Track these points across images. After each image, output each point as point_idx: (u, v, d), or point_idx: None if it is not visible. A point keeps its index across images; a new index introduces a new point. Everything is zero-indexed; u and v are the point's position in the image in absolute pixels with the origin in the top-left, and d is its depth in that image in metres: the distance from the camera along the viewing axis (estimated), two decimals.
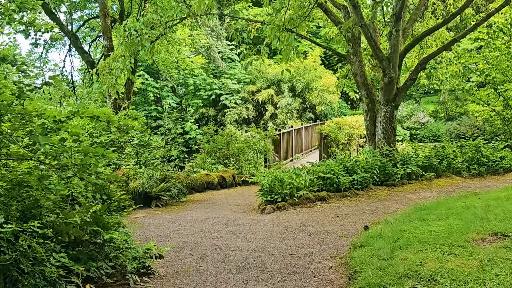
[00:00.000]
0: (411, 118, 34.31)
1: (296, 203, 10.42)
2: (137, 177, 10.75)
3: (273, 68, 31.51)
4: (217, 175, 14.60)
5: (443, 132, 31.82)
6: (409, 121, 33.92)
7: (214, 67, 32.74)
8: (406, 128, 33.01)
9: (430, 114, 35.54)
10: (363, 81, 14.06)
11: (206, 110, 31.60)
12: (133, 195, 10.64)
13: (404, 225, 7.37)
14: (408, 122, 33.84)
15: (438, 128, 32.25)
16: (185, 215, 10.03)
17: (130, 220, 9.51)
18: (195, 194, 13.40)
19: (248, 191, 14.33)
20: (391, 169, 12.28)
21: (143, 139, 11.83)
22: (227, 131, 18.02)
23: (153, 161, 11.48)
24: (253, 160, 17.55)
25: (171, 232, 8.43)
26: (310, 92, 30.80)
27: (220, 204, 11.81)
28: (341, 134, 19.44)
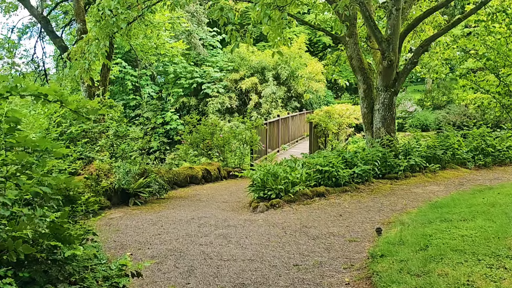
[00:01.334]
0: (398, 107, 33.40)
1: (292, 200, 9.31)
2: (113, 172, 9.54)
3: (257, 56, 30.30)
4: (201, 168, 13.43)
5: (431, 121, 31.00)
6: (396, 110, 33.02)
7: (195, 54, 31.40)
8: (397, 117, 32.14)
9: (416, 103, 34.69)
10: (359, 65, 12.97)
11: (187, 100, 30.29)
12: (108, 193, 9.44)
13: (425, 228, 6.30)
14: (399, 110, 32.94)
15: (425, 117, 31.41)
16: (167, 215, 8.85)
17: (104, 222, 8.32)
18: (177, 189, 12.22)
19: (235, 185, 13.19)
20: (392, 161, 11.23)
21: (119, 129, 10.61)
22: (211, 120, 16.82)
23: (131, 153, 10.27)
24: (239, 151, 16.40)
25: (152, 237, 7.25)
26: (295, 80, 29.67)
27: (206, 200, 10.65)
28: (331, 123, 18.36)
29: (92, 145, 10.14)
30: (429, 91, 37.52)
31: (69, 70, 14.19)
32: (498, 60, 15.61)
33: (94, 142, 10.32)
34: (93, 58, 13.23)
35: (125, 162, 9.57)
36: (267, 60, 29.71)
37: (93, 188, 8.13)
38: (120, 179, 9.36)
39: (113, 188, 9.44)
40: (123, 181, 9.39)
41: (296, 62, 29.72)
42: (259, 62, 29.84)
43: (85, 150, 9.80)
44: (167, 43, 20.86)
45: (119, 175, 9.39)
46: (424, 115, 31.54)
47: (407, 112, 32.64)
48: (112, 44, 17.32)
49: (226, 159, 15.99)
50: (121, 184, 9.41)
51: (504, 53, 15.55)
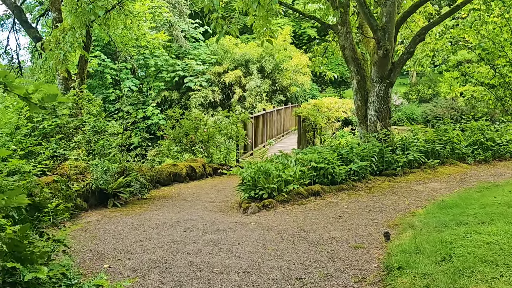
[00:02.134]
0: None
1: (285, 200, 8.58)
2: (89, 171, 8.72)
3: (241, 48, 29.50)
4: (185, 165, 12.64)
5: (418, 114, 30.49)
6: None
7: (177, 47, 30.49)
8: None
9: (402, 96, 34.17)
10: (352, 55, 12.27)
11: (169, 93, 29.37)
12: (85, 193, 8.62)
13: (441, 233, 5.61)
14: None
15: (412, 110, 30.90)
16: (150, 218, 8.08)
17: (80, 227, 7.52)
18: (160, 188, 11.43)
19: (222, 183, 12.44)
20: (390, 156, 10.56)
21: (97, 124, 9.78)
22: (194, 114, 16.03)
23: (110, 150, 9.45)
24: (225, 146, 15.64)
25: (133, 244, 6.47)
26: (280, 73, 28.94)
27: (192, 200, 9.88)
28: (320, 117, 17.67)
29: (67, 141, 9.30)
30: (414, 84, 37.09)
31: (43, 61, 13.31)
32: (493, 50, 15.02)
33: (70, 139, 9.48)
34: (68, 48, 12.39)
35: (103, 160, 8.75)
36: (251, 52, 28.95)
37: (64, 192, 7.31)
38: (97, 179, 8.55)
39: (90, 188, 8.63)
40: (100, 180, 8.58)
41: (281, 55, 28.98)
42: (243, 55, 29.06)
43: (59, 147, 8.97)
44: (148, 34, 19.97)
45: (97, 174, 8.58)
46: (411, 109, 31.03)
47: (393, 105, 32.06)
48: (90, 35, 16.47)
49: (211, 155, 15.22)
50: (98, 184, 8.61)
51: (499, 43, 14.96)
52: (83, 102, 10.33)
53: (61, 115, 9.39)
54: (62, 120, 9.36)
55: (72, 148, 9.24)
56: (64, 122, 9.34)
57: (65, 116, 9.55)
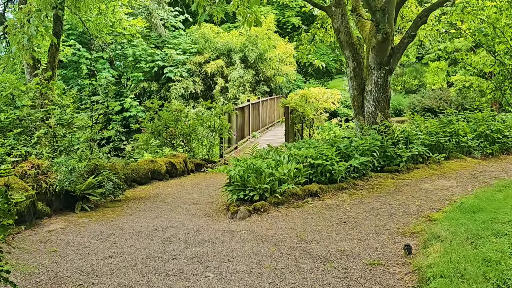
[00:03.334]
0: None
1: (279, 202, 7.49)
2: (53, 170, 7.53)
3: (223, 37, 28.23)
4: (164, 162, 11.49)
5: (405, 105, 29.64)
6: None
7: (156, 36, 29.14)
8: None
9: None
10: (348, 39, 11.20)
11: (148, 84, 28.01)
12: (48, 196, 7.43)
13: (478, 247, 4.57)
14: None
15: (399, 101, 30.04)
16: (123, 225, 6.94)
17: (39, 237, 6.35)
18: (137, 187, 10.27)
19: (205, 181, 11.33)
20: (392, 151, 9.53)
21: (63, 116, 8.57)
22: (174, 106, 14.85)
23: (77, 146, 8.26)
24: (207, 140, 14.50)
25: (100, 262, 5.33)
26: (264, 63, 27.77)
27: (172, 202, 8.74)
28: (308, 108, 16.59)
29: (28, 136, 8.09)
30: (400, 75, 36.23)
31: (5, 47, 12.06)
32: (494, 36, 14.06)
33: (32, 133, 8.27)
34: (33, 32, 11.13)
35: (68, 158, 7.56)
36: (234, 41, 27.74)
37: (1, 205, 6.09)
38: (61, 179, 7.37)
39: (53, 190, 7.44)
40: (65, 181, 7.40)
41: (265, 44, 27.81)
42: (225, 44, 27.81)
43: (18, 143, 7.76)
44: (124, 20, 18.67)
45: (61, 174, 7.40)
46: (397, 100, 30.16)
47: None
48: (61, 20, 15.19)
49: (193, 150, 14.09)
50: (63, 185, 7.43)
51: (500, 28, 14.01)
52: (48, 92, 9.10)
53: (21, 106, 8.18)
54: (22, 111, 8.14)
55: (34, 144, 8.03)
56: (24, 114, 8.12)
57: (26, 107, 8.34)
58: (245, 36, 28.09)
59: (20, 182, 6.89)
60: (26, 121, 8.36)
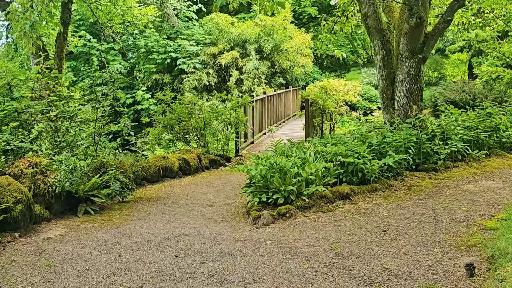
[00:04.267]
0: None
1: (306, 206, 6.63)
2: (52, 169, 6.71)
3: (237, 27, 27.29)
4: (177, 158, 10.66)
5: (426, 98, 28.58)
6: None
7: (169, 26, 28.29)
8: None
9: None
10: (376, 25, 10.27)
11: (160, 77, 27.17)
12: (47, 199, 6.62)
13: None
14: None
15: None
16: (130, 232, 6.11)
17: (34, 247, 5.54)
18: (147, 186, 9.45)
19: (220, 178, 10.51)
20: (428, 147, 8.62)
21: (65, 108, 7.75)
22: (188, 98, 14.01)
23: (79, 142, 7.42)
24: (223, 134, 13.65)
25: (101, 281, 4.50)
26: (279, 55, 26.82)
27: (185, 203, 7.91)
28: (330, 100, 15.67)
29: (27, 131, 7.28)
30: None
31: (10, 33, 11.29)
32: None
33: (32, 127, 7.46)
34: (36, 17, 10.36)
35: (69, 155, 6.73)
36: (249, 32, 26.80)
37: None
38: (61, 180, 6.55)
39: (53, 191, 6.62)
40: (66, 182, 6.59)
41: (281, 35, 26.86)
42: (240, 35, 26.88)
43: (15, 138, 6.95)
44: (135, 8, 17.81)
45: (61, 173, 6.58)
46: None
47: None
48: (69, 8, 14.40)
49: (207, 145, 13.25)
50: (63, 186, 6.61)
51: None
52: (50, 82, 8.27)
53: (19, 97, 7.36)
54: (20, 103, 7.32)
55: (32, 140, 7.21)
56: (22, 107, 7.31)
57: (25, 98, 7.52)
58: (260, 27, 27.17)
59: (14, 183, 6.07)
60: (24, 114, 7.54)
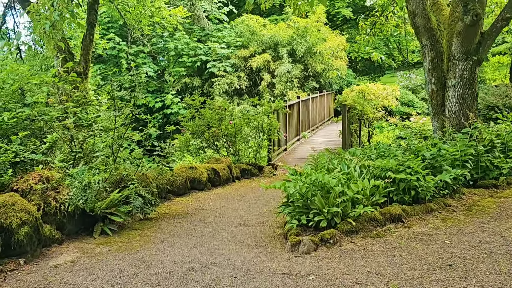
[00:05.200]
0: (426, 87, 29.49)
1: (353, 230, 5.73)
2: (64, 185, 5.97)
3: (269, 30, 26.48)
4: (206, 168, 9.87)
5: None
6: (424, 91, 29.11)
7: (199, 29, 27.64)
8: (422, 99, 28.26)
9: None
10: (425, 24, 9.31)
11: (190, 80, 26.53)
12: (58, 218, 5.86)
13: None
14: (424, 92, 29.05)
15: None
16: (150, 259, 5.31)
17: (40, 277, 4.78)
18: (173, 200, 8.66)
19: (252, 191, 9.68)
20: (487, 160, 7.62)
21: (82, 116, 7.01)
22: (218, 103, 13.24)
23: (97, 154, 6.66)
24: (255, 142, 12.82)
25: None
26: (313, 57, 25.89)
27: (214, 222, 7.10)
28: (368, 105, 14.71)
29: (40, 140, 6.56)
30: None
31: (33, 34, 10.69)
32: None
33: (44, 136, 6.74)
34: (56, 17, 9.70)
35: (83, 169, 5.96)
36: (281, 34, 25.96)
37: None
38: (72, 197, 5.79)
39: (65, 210, 5.87)
40: (79, 199, 5.82)
41: (314, 37, 25.95)
42: (272, 37, 26.07)
43: (26, 149, 6.23)
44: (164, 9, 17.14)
45: (73, 190, 5.82)
46: None
47: None
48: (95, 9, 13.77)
49: (238, 153, 12.43)
50: (76, 203, 5.85)
51: None
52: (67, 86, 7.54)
53: (33, 103, 6.65)
54: (33, 110, 6.61)
55: (46, 150, 6.49)
56: (35, 114, 6.59)
57: (39, 104, 6.80)
58: (293, 29, 26.31)
59: (20, 201, 5.33)
60: (38, 122, 6.82)
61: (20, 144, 6.29)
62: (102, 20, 26.08)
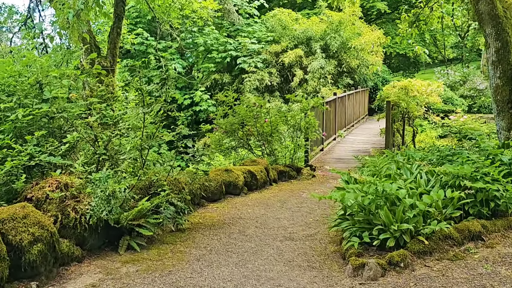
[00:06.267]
0: (465, 84, 28.18)
1: (425, 251, 4.79)
2: (86, 192, 5.14)
3: (301, 24, 25.46)
4: (242, 171, 8.99)
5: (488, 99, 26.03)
6: (463, 88, 27.80)
7: (228, 24, 26.77)
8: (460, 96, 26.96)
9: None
10: (490, 10, 8.28)
11: (219, 76, 25.65)
12: (78, 231, 5.03)
13: None
14: (462, 89, 27.73)
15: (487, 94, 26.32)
16: (185, 284, 4.46)
17: None
18: (207, 206, 7.80)
19: (293, 196, 8.80)
20: None
21: (107, 113, 6.19)
22: (253, 99, 12.34)
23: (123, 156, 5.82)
24: (293, 141, 11.90)
25: None
26: (347, 53, 24.80)
27: (256, 234, 6.21)
28: (413, 103, 13.65)
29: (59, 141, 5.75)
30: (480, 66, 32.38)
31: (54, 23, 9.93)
32: None
33: (63, 135, 5.93)
34: (80, 5, 8.92)
35: (106, 175, 5.11)
36: (314, 28, 24.93)
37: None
38: (94, 209, 4.96)
39: (85, 222, 5.04)
40: (102, 211, 4.98)
41: (348, 31, 24.86)
42: (304, 32, 25.03)
43: (42, 150, 5.42)
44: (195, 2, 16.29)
45: (95, 200, 4.99)
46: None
47: (476, 90, 27.41)
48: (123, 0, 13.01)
49: (275, 153, 11.53)
50: (98, 215, 5.01)
51: None
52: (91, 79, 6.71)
53: (52, 98, 5.84)
54: (52, 106, 5.80)
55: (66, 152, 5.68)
56: (54, 110, 5.78)
57: (59, 100, 6.00)
58: (326, 23, 25.26)
59: (33, 213, 4.52)
60: (57, 120, 6.01)
61: (36, 145, 5.49)
62: (130, 14, 25.45)
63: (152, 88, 6.01)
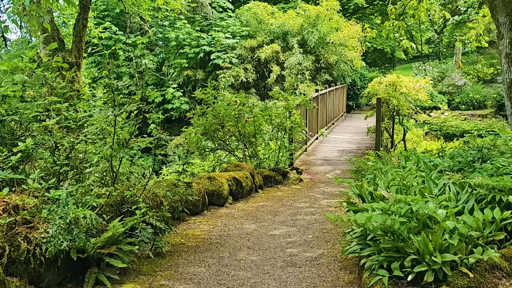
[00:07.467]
0: (443, 81, 27.62)
1: (470, 286, 3.83)
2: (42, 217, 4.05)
3: (278, 18, 24.47)
4: (226, 178, 7.95)
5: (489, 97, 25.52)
6: (442, 84, 27.23)
7: (201, 18, 25.64)
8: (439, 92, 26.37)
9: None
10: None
11: (192, 73, 24.47)
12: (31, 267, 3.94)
13: None
14: (441, 85, 27.16)
15: (478, 92, 25.83)
16: None
17: None
18: (188, 220, 6.74)
19: (283, 205, 7.85)
20: None
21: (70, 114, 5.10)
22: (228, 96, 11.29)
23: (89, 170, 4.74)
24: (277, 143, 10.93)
25: None
26: (325, 48, 23.92)
27: (250, 259, 5.19)
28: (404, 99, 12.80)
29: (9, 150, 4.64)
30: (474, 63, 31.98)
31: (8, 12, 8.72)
32: None
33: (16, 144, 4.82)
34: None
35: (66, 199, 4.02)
36: (290, 23, 23.95)
37: None
38: (51, 239, 3.87)
39: (41, 254, 3.96)
40: (62, 241, 3.90)
41: (326, 26, 23.96)
42: (281, 26, 24.03)
43: None
44: None
45: (53, 228, 3.90)
46: (476, 90, 25.95)
47: (455, 86, 26.85)
48: None
49: (258, 156, 10.55)
50: (57, 245, 3.92)
51: None
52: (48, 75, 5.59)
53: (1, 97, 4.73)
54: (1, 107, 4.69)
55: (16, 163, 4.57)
56: (3, 112, 4.67)
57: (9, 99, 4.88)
58: (303, 17, 24.31)
59: None
60: (7, 123, 4.89)
61: None
62: (98, 7, 24.11)
63: (125, 83, 4.91)
